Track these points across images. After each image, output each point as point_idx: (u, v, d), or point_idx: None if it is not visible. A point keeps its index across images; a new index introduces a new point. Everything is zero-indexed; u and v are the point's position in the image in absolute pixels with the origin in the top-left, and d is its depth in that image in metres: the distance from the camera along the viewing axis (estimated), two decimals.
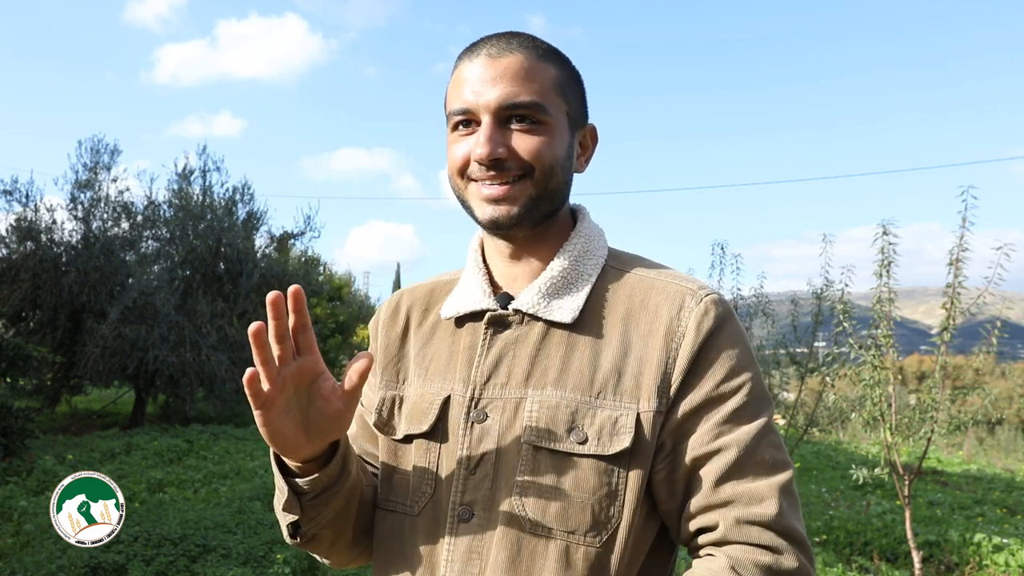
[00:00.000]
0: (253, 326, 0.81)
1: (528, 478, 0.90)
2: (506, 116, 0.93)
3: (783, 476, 0.89)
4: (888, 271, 4.64)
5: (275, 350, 0.84)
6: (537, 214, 0.96)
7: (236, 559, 4.83)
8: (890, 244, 4.60)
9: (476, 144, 0.93)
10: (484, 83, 0.93)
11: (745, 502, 0.87)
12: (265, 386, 0.84)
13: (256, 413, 0.86)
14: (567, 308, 0.96)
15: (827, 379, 5.16)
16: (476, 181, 0.96)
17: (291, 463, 0.93)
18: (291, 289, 0.84)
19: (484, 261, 1.06)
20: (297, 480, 0.93)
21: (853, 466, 5.04)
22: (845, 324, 4.95)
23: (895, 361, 4.93)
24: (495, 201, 0.94)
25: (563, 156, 0.96)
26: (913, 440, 4.67)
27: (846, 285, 5.14)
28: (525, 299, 0.97)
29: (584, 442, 0.90)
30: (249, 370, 0.83)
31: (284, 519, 0.97)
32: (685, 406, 0.91)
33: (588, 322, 0.96)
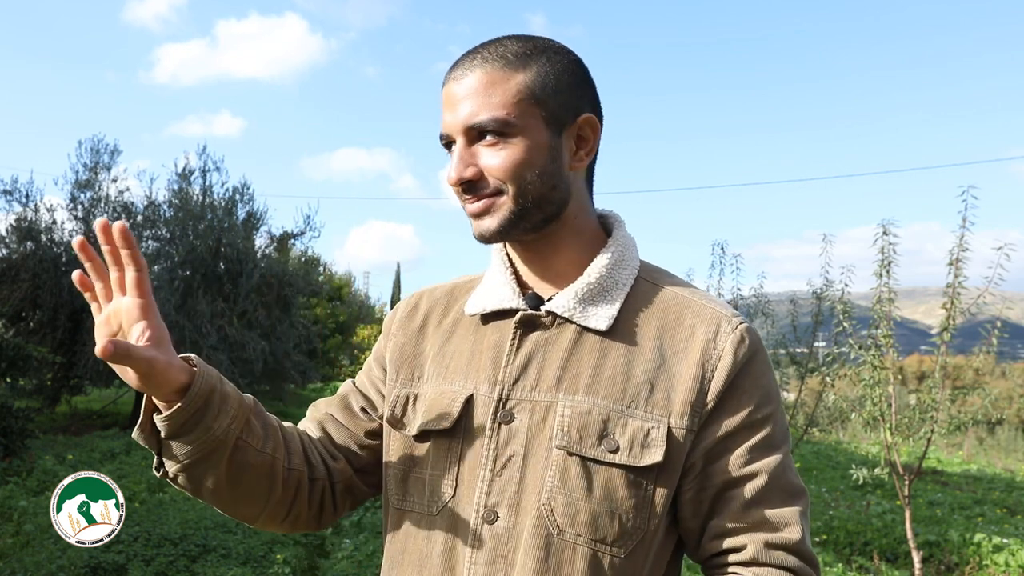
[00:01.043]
0: (81, 239, 0.86)
1: (558, 483, 0.90)
2: (475, 135, 0.93)
3: (803, 503, 0.94)
4: (888, 271, 4.64)
5: (111, 272, 0.88)
6: (526, 224, 0.96)
7: (236, 559, 4.83)
8: (890, 244, 4.60)
9: (450, 167, 0.95)
10: (452, 106, 0.94)
11: (773, 527, 0.91)
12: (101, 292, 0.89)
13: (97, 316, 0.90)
14: (602, 315, 0.96)
15: (827, 379, 5.17)
16: (463, 202, 0.98)
17: (156, 401, 0.90)
18: (117, 225, 0.86)
19: (510, 260, 1.06)
20: (154, 415, 0.90)
21: (853, 466, 5.04)
22: (845, 324, 4.95)
23: (895, 361, 4.93)
24: (477, 216, 0.96)
25: (541, 164, 0.94)
26: (913, 440, 4.68)
27: (846, 285, 5.14)
28: (560, 302, 0.97)
29: (616, 451, 0.90)
30: (78, 273, 0.88)
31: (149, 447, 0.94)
32: (720, 430, 0.92)
33: (621, 331, 0.96)
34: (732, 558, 0.91)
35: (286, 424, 1.08)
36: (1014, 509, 9.07)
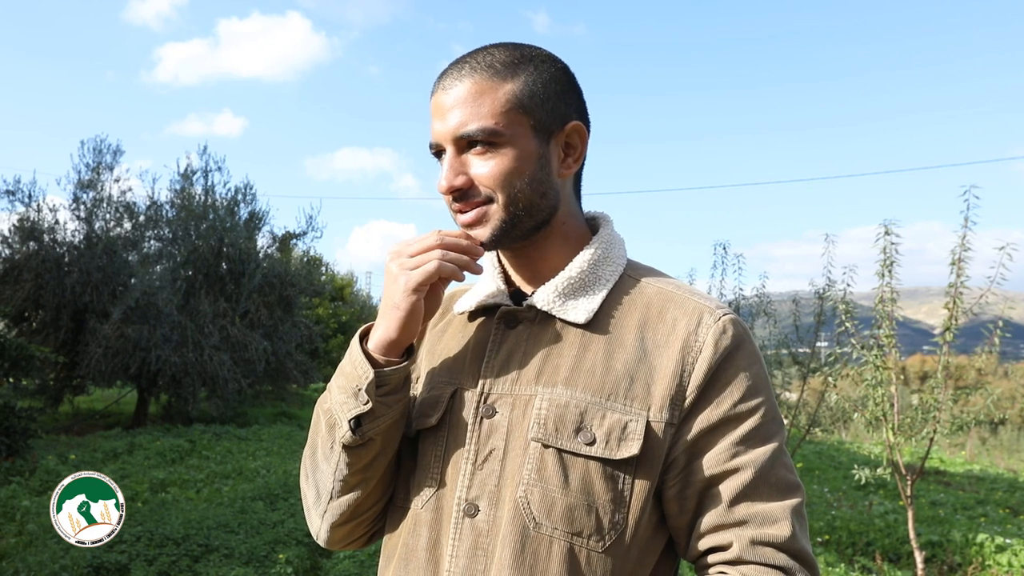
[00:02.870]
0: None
1: (535, 476, 0.90)
2: (464, 144, 0.95)
3: (795, 499, 0.91)
4: (890, 271, 4.63)
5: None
6: (518, 232, 0.97)
7: (238, 559, 4.83)
8: (892, 244, 4.59)
9: (440, 176, 0.96)
10: (441, 116, 0.96)
11: (759, 523, 0.88)
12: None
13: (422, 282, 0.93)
14: (582, 308, 0.96)
15: (829, 379, 5.16)
16: (454, 212, 0.99)
17: (380, 356, 0.96)
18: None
19: (499, 261, 1.07)
20: (383, 369, 0.94)
21: (855, 466, 5.03)
22: (847, 324, 4.95)
23: (897, 361, 4.92)
24: (470, 227, 0.97)
25: (530, 172, 0.95)
26: (915, 440, 4.66)
27: (848, 285, 5.14)
28: (540, 297, 0.98)
29: (592, 443, 0.90)
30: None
31: (351, 411, 0.95)
32: (700, 423, 0.91)
33: (603, 325, 0.96)
34: (718, 557, 0.90)
35: None
36: (1017, 509, 9.05)
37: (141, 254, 12.35)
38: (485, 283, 1.05)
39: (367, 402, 0.94)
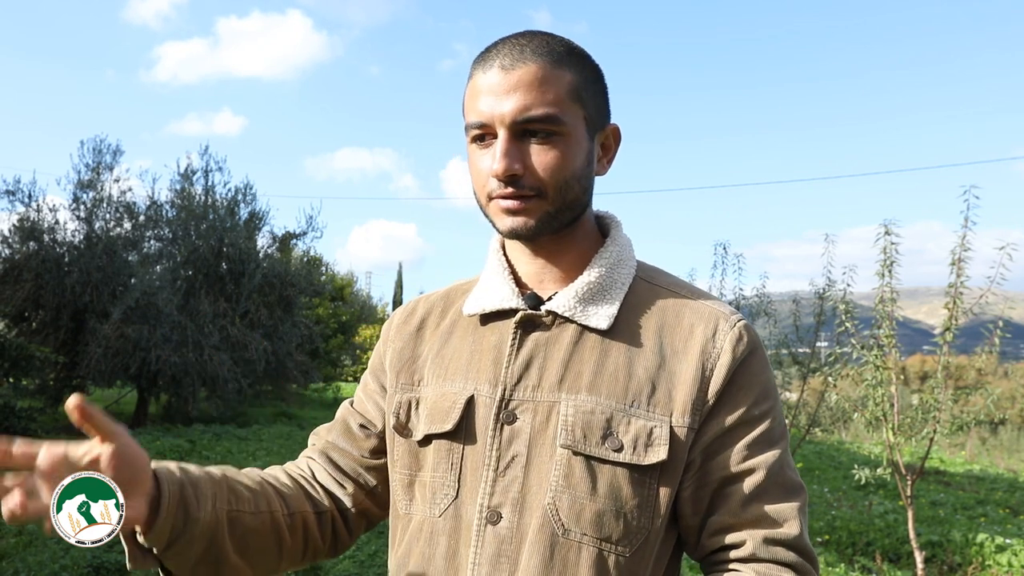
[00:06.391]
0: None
1: (563, 482, 0.90)
2: (521, 129, 0.91)
3: (801, 498, 0.94)
4: (890, 271, 4.63)
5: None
6: (556, 224, 0.96)
7: None
8: (892, 244, 4.59)
9: (493, 159, 0.92)
10: (498, 96, 0.91)
11: (771, 523, 0.91)
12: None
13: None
14: (603, 314, 0.96)
15: (829, 379, 5.16)
16: (495, 199, 0.94)
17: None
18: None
19: (508, 260, 1.05)
20: (137, 538, 0.86)
21: (855, 466, 5.03)
22: (847, 324, 4.95)
23: (897, 361, 4.92)
24: (513, 212, 0.93)
25: (580, 166, 0.94)
26: (916, 440, 4.67)
27: (848, 285, 5.14)
28: (560, 301, 0.97)
29: (619, 450, 0.90)
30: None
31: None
32: (718, 426, 0.93)
33: (621, 330, 0.96)
34: (731, 554, 0.91)
35: (272, 469, 1.11)
36: (1017, 509, 9.05)
37: (141, 254, 12.34)
38: (496, 285, 1.02)
39: (153, 563, 0.88)
